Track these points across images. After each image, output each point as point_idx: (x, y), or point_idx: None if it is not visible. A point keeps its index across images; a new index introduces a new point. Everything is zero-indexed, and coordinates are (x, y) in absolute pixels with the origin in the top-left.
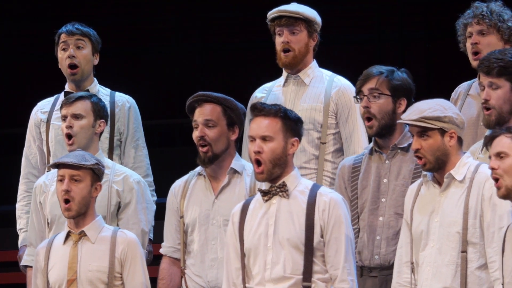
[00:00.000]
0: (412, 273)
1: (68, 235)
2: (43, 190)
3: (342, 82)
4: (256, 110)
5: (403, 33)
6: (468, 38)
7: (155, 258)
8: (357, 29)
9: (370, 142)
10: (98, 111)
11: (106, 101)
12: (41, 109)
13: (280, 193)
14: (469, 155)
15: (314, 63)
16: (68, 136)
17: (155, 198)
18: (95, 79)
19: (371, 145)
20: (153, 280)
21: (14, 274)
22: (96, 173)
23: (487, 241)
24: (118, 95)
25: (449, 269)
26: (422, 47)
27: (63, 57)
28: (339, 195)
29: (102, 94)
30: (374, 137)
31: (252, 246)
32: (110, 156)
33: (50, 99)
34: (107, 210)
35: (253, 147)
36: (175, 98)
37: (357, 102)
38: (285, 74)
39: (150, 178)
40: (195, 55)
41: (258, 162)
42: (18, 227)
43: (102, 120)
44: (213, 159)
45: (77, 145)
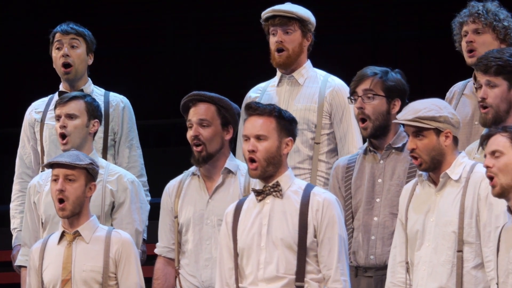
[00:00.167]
0: (407, 273)
1: (62, 235)
2: (37, 190)
3: (336, 82)
4: (250, 109)
5: (397, 33)
6: (463, 37)
7: (149, 258)
8: (351, 29)
9: (364, 143)
10: (92, 111)
11: (100, 101)
12: (35, 109)
13: (274, 193)
14: (465, 155)
15: (308, 63)
16: (62, 136)
17: (149, 198)
18: (90, 79)
19: (365, 145)
20: (147, 280)
21: (8, 274)
22: (91, 173)
23: (484, 241)
24: (112, 95)
25: (445, 268)
26: (416, 47)
27: (57, 56)
28: (333, 195)
29: (96, 94)
30: (369, 138)
31: (246, 246)
32: (104, 156)
33: (44, 99)
34: (101, 210)
35: (247, 146)
36: (170, 98)
37: (351, 103)
38: (279, 74)
39: (144, 178)
40: (190, 55)
41: (252, 160)
42: (12, 226)
43: (96, 120)
44: (207, 159)
45: (71, 144)
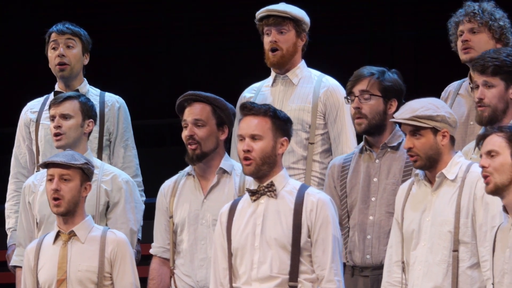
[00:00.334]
0: (403, 272)
1: (57, 235)
2: (32, 190)
3: (331, 82)
4: (245, 109)
5: (393, 33)
6: (459, 36)
7: (144, 258)
8: (348, 30)
9: (358, 143)
10: (87, 111)
11: (95, 101)
12: (30, 108)
13: (268, 193)
14: (461, 155)
15: (303, 63)
16: (57, 136)
17: (144, 198)
18: (85, 79)
19: (361, 144)
20: (142, 280)
21: (3, 274)
22: (86, 173)
23: (480, 240)
24: (108, 95)
25: (441, 268)
26: (412, 47)
27: (52, 56)
28: (327, 196)
29: (92, 94)
30: (362, 134)
31: (240, 246)
32: (100, 156)
33: (40, 99)
34: (95, 210)
35: (242, 146)
36: (165, 98)
37: (347, 103)
38: (273, 74)
39: (139, 178)
40: (185, 55)
41: (247, 159)
42: (7, 226)
43: (91, 120)
44: (201, 157)
45: (65, 141)
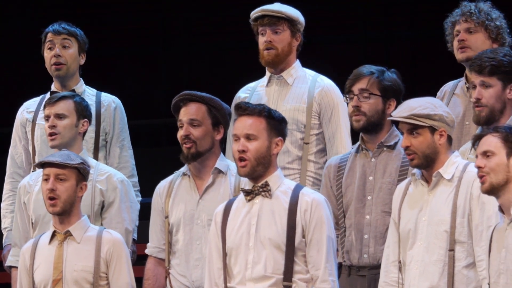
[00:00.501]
0: (400, 272)
1: (53, 234)
2: (27, 190)
3: (325, 82)
4: (240, 109)
5: (388, 33)
6: (455, 36)
7: (140, 258)
8: (343, 30)
9: (353, 143)
10: (81, 110)
11: (92, 101)
12: (27, 108)
13: (263, 193)
14: (458, 154)
15: (297, 63)
16: (51, 136)
17: (139, 198)
18: (81, 79)
19: (358, 143)
20: (137, 280)
21: None
22: (82, 173)
23: (476, 240)
24: (104, 95)
25: (437, 267)
26: (408, 48)
27: (48, 56)
28: (322, 196)
29: (88, 94)
30: (360, 131)
31: (234, 246)
32: (96, 156)
33: (36, 99)
34: (91, 210)
35: (237, 146)
36: (161, 97)
37: (346, 101)
38: (268, 74)
39: (135, 179)
40: (182, 55)
41: (242, 159)
42: (2, 226)
43: (85, 119)
44: (196, 156)
45: (59, 141)
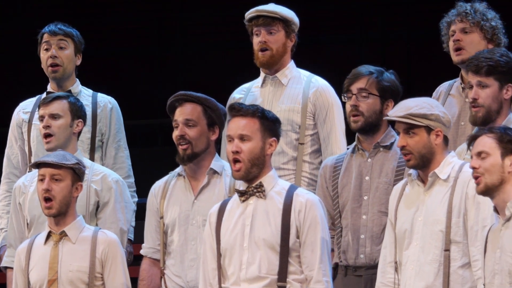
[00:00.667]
0: (396, 272)
1: (48, 235)
2: (22, 191)
3: (320, 83)
4: (233, 110)
5: (385, 33)
6: (451, 36)
7: (136, 258)
8: (339, 30)
9: (348, 143)
10: (76, 111)
11: (88, 102)
12: (23, 109)
13: (257, 194)
14: (454, 154)
15: (292, 64)
16: (46, 136)
17: (135, 199)
18: (78, 79)
19: (354, 144)
20: (134, 281)
21: None
22: (77, 173)
23: (471, 240)
24: (100, 95)
25: (432, 267)
26: (404, 48)
27: (45, 57)
28: (316, 196)
29: (84, 95)
30: (357, 132)
31: (228, 246)
32: (92, 157)
33: (32, 99)
34: (86, 210)
35: (231, 147)
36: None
37: (344, 100)
38: (262, 74)
39: (132, 179)
40: (176, 55)
41: (236, 161)
42: None
43: (80, 120)
44: (192, 157)
45: (54, 143)
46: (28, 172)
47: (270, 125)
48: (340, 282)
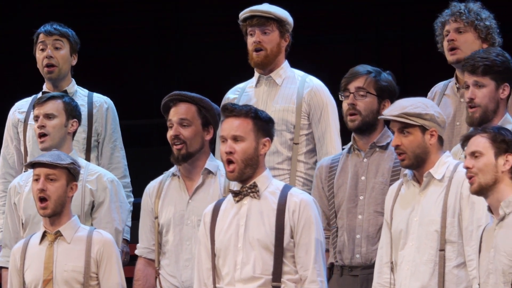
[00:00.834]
0: (392, 272)
1: (44, 235)
2: (18, 191)
3: (314, 83)
4: (227, 110)
5: (379, 33)
6: (445, 37)
7: (132, 258)
8: (334, 30)
9: (343, 143)
10: (70, 110)
11: (83, 102)
12: (18, 109)
13: (251, 194)
14: (449, 154)
15: (286, 64)
16: (41, 136)
17: (132, 199)
18: (73, 79)
19: (350, 144)
20: (130, 280)
21: None
22: (72, 173)
23: (466, 240)
24: (96, 95)
25: (427, 267)
26: (398, 48)
27: (40, 57)
28: (310, 196)
29: (80, 95)
30: (354, 131)
31: (223, 247)
32: (88, 157)
33: (28, 99)
34: (81, 210)
35: (224, 148)
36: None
37: (341, 99)
38: (257, 74)
39: (128, 179)
40: (173, 55)
41: (229, 162)
42: None
43: (75, 119)
44: (186, 157)
45: (49, 143)
46: (24, 172)
47: (263, 125)
48: (336, 282)
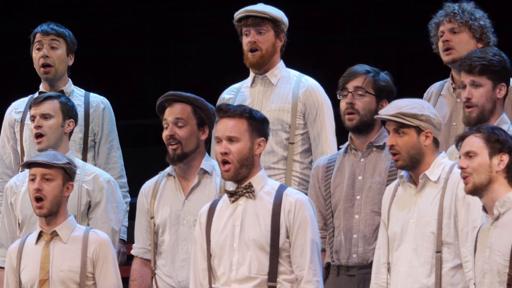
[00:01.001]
0: (388, 273)
1: (40, 235)
2: (14, 191)
3: (310, 82)
4: (221, 111)
5: (375, 33)
6: (440, 37)
7: (129, 258)
8: (329, 29)
9: (339, 143)
10: (67, 110)
11: (80, 102)
12: (15, 109)
13: (247, 194)
14: (445, 155)
15: (281, 63)
16: (38, 136)
17: (128, 199)
18: (70, 79)
19: (346, 143)
20: (127, 280)
21: None
22: (68, 173)
23: (462, 241)
24: (93, 95)
25: (424, 269)
26: (394, 47)
27: (37, 56)
28: (305, 196)
29: (77, 95)
30: (351, 130)
31: (218, 247)
32: (84, 157)
33: (25, 99)
34: (77, 210)
35: (219, 149)
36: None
37: (339, 98)
38: (252, 74)
39: (124, 179)
40: (167, 55)
41: (225, 162)
42: None
43: (71, 119)
44: (182, 157)
45: (46, 144)
46: (21, 172)
47: (258, 125)
48: (332, 282)
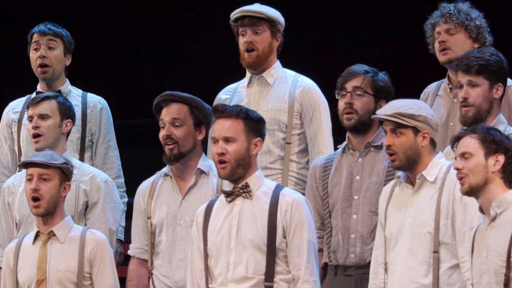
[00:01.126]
0: (386, 273)
1: (37, 235)
2: (11, 191)
3: (306, 82)
4: (217, 112)
5: (372, 33)
6: (436, 38)
7: (126, 258)
8: (326, 30)
9: (335, 143)
10: (65, 111)
11: (78, 102)
12: (12, 109)
13: (243, 194)
14: (442, 156)
15: (278, 63)
16: (35, 136)
17: (126, 199)
18: (67, 79)
19: (344, 143)
20: (124, 281)
21: None
22: (65, 173)
23: (459, 241)
24: (90, 96)
25: (421, 269)
26: (391, 48)
27: (34, 57)
28: (302, 196)
29: (74, 95)
30: (349, 130)
31: (215, 247)
32: (82, 157)
33: (22, 99)
34: (74, 210)
35: (216, 149)
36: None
37: (337, 98)
38: (248, 74)
39: (122, 179)
40: (164, 55)
41: (221, 162)
42: None
43: (69, 120)
44: (179, 157)
45: (43, 144)
46: (18, 172)
47: (254, 125)
48: (330, 281)
